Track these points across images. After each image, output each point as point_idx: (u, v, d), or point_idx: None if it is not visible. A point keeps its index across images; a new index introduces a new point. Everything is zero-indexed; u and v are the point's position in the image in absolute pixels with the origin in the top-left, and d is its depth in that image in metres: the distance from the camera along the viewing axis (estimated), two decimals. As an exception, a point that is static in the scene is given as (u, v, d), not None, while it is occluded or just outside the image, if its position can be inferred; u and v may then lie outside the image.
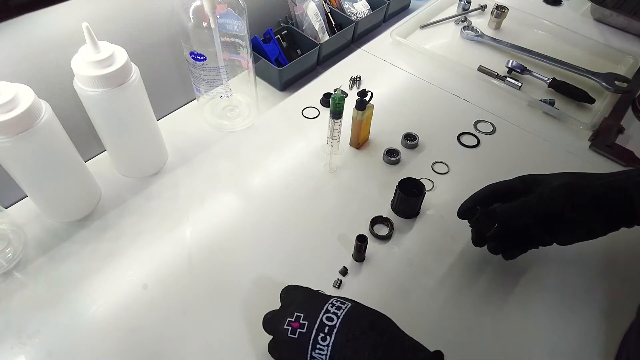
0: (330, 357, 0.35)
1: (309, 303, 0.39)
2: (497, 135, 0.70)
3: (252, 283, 0.51)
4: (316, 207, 0.59)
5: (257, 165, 0.64)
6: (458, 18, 0.95)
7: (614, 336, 0.47)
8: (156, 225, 0.56)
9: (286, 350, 0.38)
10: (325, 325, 0.36)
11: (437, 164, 0.65)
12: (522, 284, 0.52)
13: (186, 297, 0.49)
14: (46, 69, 0.52)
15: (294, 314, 0.38)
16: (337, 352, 0.35)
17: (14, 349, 0.45)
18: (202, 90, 0.66)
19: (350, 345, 0.35)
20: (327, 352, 0.35)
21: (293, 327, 0.37)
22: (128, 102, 0.52)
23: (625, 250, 0.55)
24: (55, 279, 0.51)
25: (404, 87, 0.78)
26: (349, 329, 0.36)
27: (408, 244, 0.55)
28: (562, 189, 0.45)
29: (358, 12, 0.86)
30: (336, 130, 0.57)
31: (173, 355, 0.45)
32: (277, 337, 0.39)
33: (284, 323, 0.38)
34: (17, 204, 0.57)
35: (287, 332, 0.37)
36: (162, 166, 0.63)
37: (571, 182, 0.46)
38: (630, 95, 0.76)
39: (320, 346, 0.35)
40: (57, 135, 0.48)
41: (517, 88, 0.77)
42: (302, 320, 0.37)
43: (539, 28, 0.94)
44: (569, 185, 0.45)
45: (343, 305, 0.38)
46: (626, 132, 0.71)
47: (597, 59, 0.86)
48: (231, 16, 0.57)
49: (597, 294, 0.51)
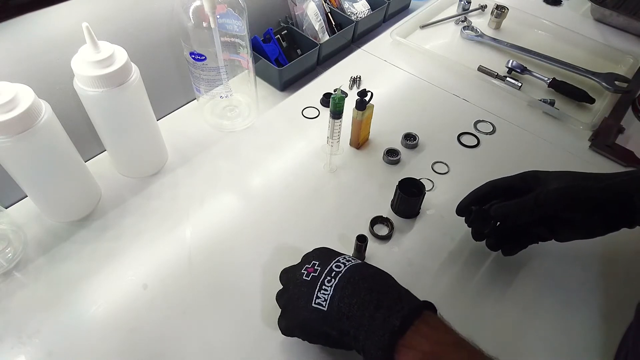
0: (332, 296, 0.38)
1: (325, 255, 0.43)
2: (497, 135, 0.70)
3: (252, 283, 0.51)
4: (316, 207, 0.59)
5: (257, 165, 0.64)
6: (458, 18, 0.95)
7: (613, 335, 0.47)
8: (156, 225, 0.56)
9: (297, 291, 0.41)
10: (333, 271, 0.40)
11: (437, 164, 0.65)
12: (521, 283, 0.52)
13: (186, 297, 0.49)
14: (46, 69, 0.52)
15: (311, 262, 0.42)
16: (338, 292, 0.38)
17: (14, 349, 0.45)
18: (202, 90, 0.66)
19: (350, 286, 0.38)
20: (330, 292, 0.39)
21: (308, 272, 0.41)
22: (128, 102, 0.52)
23: (625, 250, 0.55)
24: (55, 279, 0.51)
25: (404, 87, 0.78)
26: (352, 275, 0.39)
27: (408, 244, 0.55)
28: (560, 192, 0.45)
29: (358, 12, 0.86)
30: (336, 130, 0.57)
31: (173, 355, 0.45)
32: (292, 282, 0.42)
33: (301, 269, 0.42)
34: (17, 204, 0.57)
35: (303, 275, 0.41)
36: (162, 166, 0.63)
37: (569, 186, 0.45)
38: (630, 95, 0.76)
39: (325, 287, 0.39)
40: (57, 135, 0.48)
41: (517, 88, 0.77)
42: (316, 267, 0.41)
43: (539, 28, 0.94)
44: (567, 189, 0.45)
45: (353, 260, 0.42)
46: (626, 132, 0.71)
47: (597, 59, 0.86)
48: (231, 16, 0.57)
49: (596, 293, 0.51)
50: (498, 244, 0.50)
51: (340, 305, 0.37)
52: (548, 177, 0.47)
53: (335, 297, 0.38)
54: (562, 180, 0.46)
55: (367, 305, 0.36)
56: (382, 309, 0.36)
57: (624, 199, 0.43)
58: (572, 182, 0.46)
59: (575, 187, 0.45)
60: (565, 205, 0.44)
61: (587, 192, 0.44)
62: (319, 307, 0.38)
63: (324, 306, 0.38)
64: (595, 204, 0.44)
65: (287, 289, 0.43)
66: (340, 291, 0.38)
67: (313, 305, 0.39)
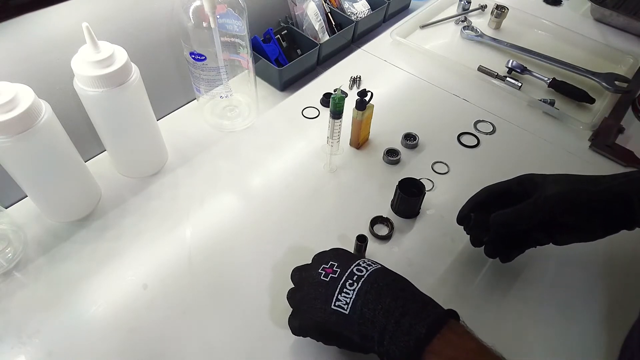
0: (354, 300, 0.38)
1: (344, 257, 0.43)
2: (497, 135, 0.70)
3: (252, 283, 0.51)
4: (316, 207, 0.59)
5: (257, 165, 0.64)
6: (458, 18, 0.95)
7: (615, 337, 0.47)
8: (156, 225, 0.56)
9: (312, 291, 0.40)
10: (354, 274, 0.40)
11: (437, 164, 0.65)
12: (522, 284, 0.52)
13: (186, 297, 0.49)
14: (46, 69, 0.52)
15: (329, 262, 0.42)
16: (361, 297, 0.38)
17: (14, 349, 0.45)
18: (202, 90, 0.66)
19: (374, 291, 0.38)
20: (352, 296, 0.38)
21: (326, 272, 0.41)
22: (128, 102, 0.52)
23: (626, 251, 0.55)
24: (55, 279, 0.51)
25: (404, 87, 0.78)
26: (375, 280, 0.39)
27: (408, 244, 0.55)
28: (558, 197, 0.44)
29: (358, 12, 0.86)
30: (336, 130, 0.57)
31: (173, 355, 0.45)
32: (306, 281, 0.42)
33: (318, 269, 0.42)
34: (17, 204, 0.57)
35: (320, 275, 0.41)
36: (162, 166, 0.63)
37: (568, 190, 0.44)
38: (630, 95, 0.76)
39: (347, 290, 0.39)
40: (57, 135, 0.48)
41: (517, 88, 0.77)
42: (335, 268, 0.41)
43: (539, 28, 0.94)
44: (565, 193, 0.44)
45: (373, 264, 0.41)
46: (626, 132, 0.71)
47: (597, 59, 0.86)
48: (231, 16, 0.57)
49: (597, 295, 0.51)
50: (496, 251, 0.50)
51: (363, 310, 0.37)
52: (545, 181, 0.47)
53: (359, 302, 0.38)
54: (559, 184, 0.46)
55: (393, 311, 0.36)
56: (407, 315, 0.36)
57: (623, 201, 0.43)
58: (571, 185, 0.45)
59: (574, 191, 0.44)
60: (564, 209, 0.44)
61: (586, 196, 0.44)
62: (339, 309, 0.38)
63: (345, 309, 0.38)
64: (594, 208, 0.44)
65: (300, 288, 0.43)
66: (363, 296, 0.38)
67: (333, 307, 0.38)
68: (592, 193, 0.44)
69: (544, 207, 0.44)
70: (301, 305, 0.42)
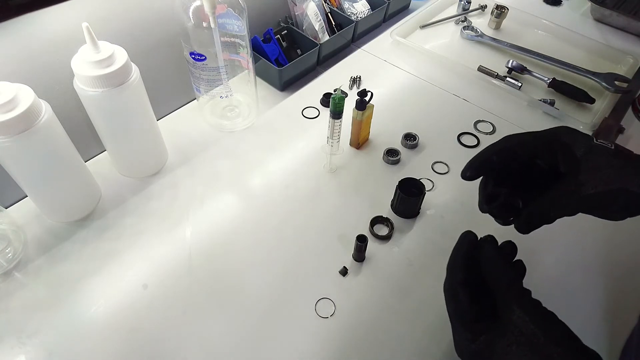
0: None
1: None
2: (497, 135, 0.70)
3: (252, 283, 0.51)
4: (316, 207, 0.59)
5: (257, 165, 0.64)
6: (458, 18, 0.95)
7: (616, 338, 0.47)
8: (156, 225, 0.56)
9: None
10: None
11: (437, 164, 0.65)
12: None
13: (186, 297, 0.49)
14: (46, 69, 0.52)
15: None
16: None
17: (14, 349, 0.45)
18: (202, 90, 0.66)
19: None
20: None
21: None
22: (128, 102, 0.52)
23: (626, 251, 0.55)
24: (55, 279, 0.51)
25: (404, 87, 0.78)
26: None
27: (408, 244, 0.55)
28: (610, 198, 0.37)
29: (358, 12, 0.86)
30: (336, 130, 0.57)
31: (173, 355, 0.45)
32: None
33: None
34: (17, 204, 0.57)
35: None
36: (162, 166, 0.63)
37: (616, 189, 0.36)
38: (630, 95, 0.76)
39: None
40: (57, 135, 0.48)
41: (517, 88, 0.77)
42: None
43: (539, 28, 0.94)
44: (615, 193, 0.36)
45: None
46: (626, 132, 0.71)
47: (597, 59, 0.86)
48: (231, 16, 0.57)
49: (597, 295, 0.51)
50: (533, 226, 0.41)
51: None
52: (588, 160, 0.38)
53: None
54: (606, 173, 0.37)
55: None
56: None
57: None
58: (617, 184, 0.36)
59: (621, 191, 0.36)
60: (606, 207, 0.38)
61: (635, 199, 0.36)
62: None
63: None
64: (632, 212, 0.37)
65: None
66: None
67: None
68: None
69: (590, 204, 0.38)
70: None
